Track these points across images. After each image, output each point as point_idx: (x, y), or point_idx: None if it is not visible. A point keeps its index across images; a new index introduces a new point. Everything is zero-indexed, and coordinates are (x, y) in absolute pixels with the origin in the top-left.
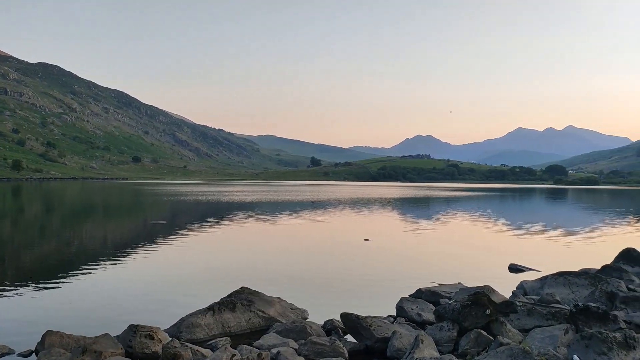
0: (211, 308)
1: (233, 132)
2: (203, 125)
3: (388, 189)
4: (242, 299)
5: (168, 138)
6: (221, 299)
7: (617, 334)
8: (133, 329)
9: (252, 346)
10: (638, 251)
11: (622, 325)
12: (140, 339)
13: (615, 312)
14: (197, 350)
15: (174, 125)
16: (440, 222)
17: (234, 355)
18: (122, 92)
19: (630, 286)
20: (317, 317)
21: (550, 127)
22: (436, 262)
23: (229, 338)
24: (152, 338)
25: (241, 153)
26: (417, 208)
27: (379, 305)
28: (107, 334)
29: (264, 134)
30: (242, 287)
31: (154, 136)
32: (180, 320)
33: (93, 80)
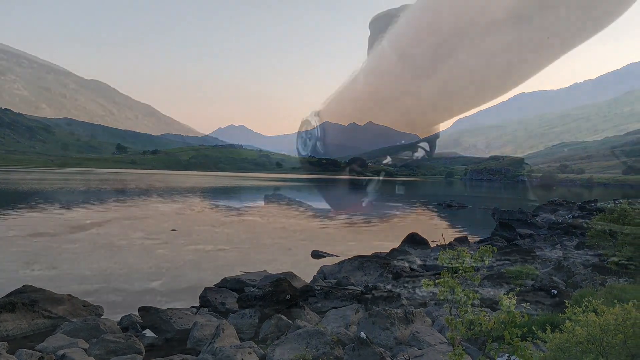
0: None
1: (23, 112)
2: None
3: (199, 178)
4: (23, 298)
5: None
6: None
7: (399, 310)
8: None
9: (35, 350)
10: (420, 235)
11: (404, 302)
12: None
13: (399, 291)
14: None
15: None
16: (250, 211)
17: None
18: None
19: (413, 266)
20: (114, 313)
21: (354, 123)
22: (243, 251)
23: (5, 343)
24: None
25: (33, 137)
26: (228, 198)
27: (182, 297)
28: None
29: (61, 117)
30: (24, 286)
31: None
32: None
33: None
